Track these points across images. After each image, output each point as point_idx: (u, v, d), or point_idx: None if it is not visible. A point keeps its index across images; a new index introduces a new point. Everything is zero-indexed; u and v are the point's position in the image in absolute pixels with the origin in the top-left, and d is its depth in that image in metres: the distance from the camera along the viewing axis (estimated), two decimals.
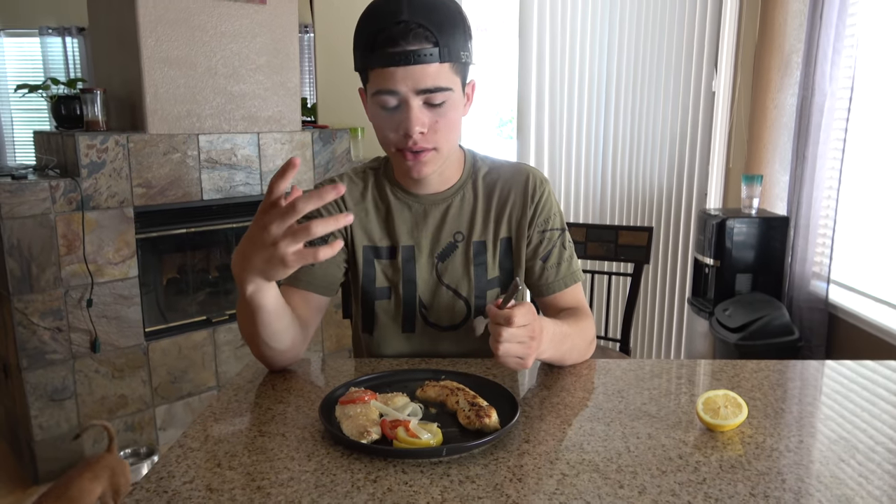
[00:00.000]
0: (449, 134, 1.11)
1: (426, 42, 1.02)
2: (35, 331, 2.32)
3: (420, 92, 1.05)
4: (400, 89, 1.04)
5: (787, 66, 2.90)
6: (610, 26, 3.13)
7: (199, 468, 0.81)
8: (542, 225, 1.25)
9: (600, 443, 0.87)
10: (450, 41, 1.04)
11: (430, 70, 1.04)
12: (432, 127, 1.09)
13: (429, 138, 1.09)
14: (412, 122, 1.06)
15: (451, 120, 1.10)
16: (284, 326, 1.06)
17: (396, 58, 1.02)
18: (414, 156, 1.11)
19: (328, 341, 3.20)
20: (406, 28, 1.01)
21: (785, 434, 0.89)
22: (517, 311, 0.94)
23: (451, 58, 1.05)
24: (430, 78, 1.04)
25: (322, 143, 3.04)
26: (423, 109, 1.07)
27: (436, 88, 1.05)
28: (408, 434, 0.84)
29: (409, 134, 1.07)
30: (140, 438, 2.63)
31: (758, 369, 1.12)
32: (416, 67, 1.03)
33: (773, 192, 2.99)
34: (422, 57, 1.02)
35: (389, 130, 1.10)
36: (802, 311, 2.67)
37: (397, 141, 1.10)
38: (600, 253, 2.13)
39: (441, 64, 1.04)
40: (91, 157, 2.37)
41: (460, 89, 1.11)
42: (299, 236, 0.85)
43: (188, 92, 2.63)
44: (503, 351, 0.94)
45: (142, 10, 2.47)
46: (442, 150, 1.12)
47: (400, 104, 1.06)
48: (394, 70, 1.03)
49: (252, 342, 1.08)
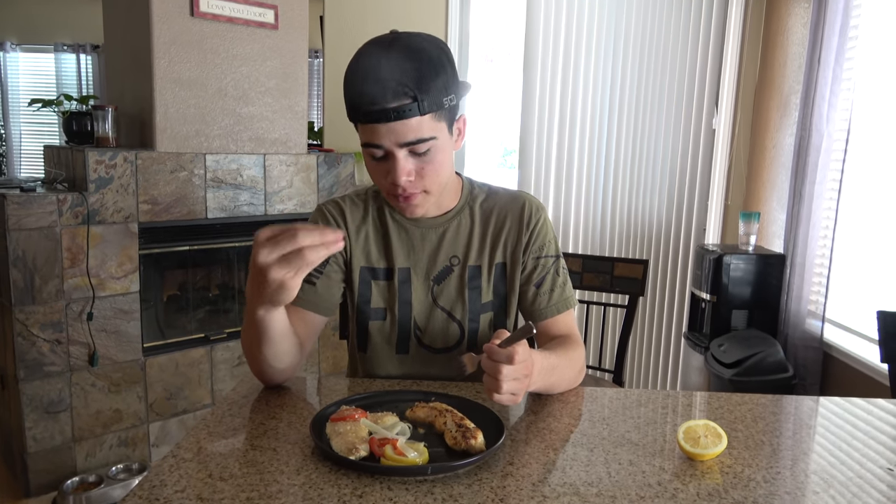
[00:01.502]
0: (436, 177, 1.15)
1: (405, 98, 1.04)
2: (34, 342, 2.34)
3: (403, 145, 1.08)
4: (384, 143, 1.08)
5: (785, 107, 2.95)
6: (613, 62, 3.20)
7: (190, 478, 0.83)
8: (536, 251, 1.28)
9: (582, 468, 0.89)
10: (429, 92, 1.05)
11: (411, 124, 1.06)
12: (419, 173, 1.12)
13: (416, 184, 1.13)
14: (398, 172, 1.10)
15: (438, 163, 1.13)
16: (288, 348, 1.10)
17: (377, 115, 1.05)
18: (405, 199, 1.15)
19: (325, 363, 3.21)
20: (384, 86, 1.04)
21: (763, 465, 0.91)
22: (518, 350, 0.96)
23: (431, 108, 1.06)
24: (412, 132, 1.07)
25: (327, 167, 3.09)
26: (408, 158, 1.10)
27: (418, 140, 1.08)
28: (395, 452, 0.86)
29: (396, 183, 1.11)
30: (133, 454, 2.63)
31: (742, 402, 1.14)
32: (396, 123, 1.05)
33: (771, 230, 3.02)
34: (401, 113, 1.04)
35: (379, 177, 1.15)
36: (797, 349, 2.68)
37: (388, 187, 1.15)
38: (596, 284, 2.16)
39: (422, 116, 1.06)
40: (99, 173, 2.42)
41: (446, 132, 1.13)
42: (293, 262, 0.89)
43: (198, 112, 2.69)
44: (505, 389, 0.95)
45: (157, 31, 2.54)
46: (432, 192, 1.16)
47: (386, 155, 1.10)
48: (376, 126, 1.07)
49: (254, 359, 1.11)
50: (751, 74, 3.19)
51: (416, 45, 1.07)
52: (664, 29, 3.16)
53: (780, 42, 3.02)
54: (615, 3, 3.16)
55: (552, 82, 3.22)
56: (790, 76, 2.93)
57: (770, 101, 3.08)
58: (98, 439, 2.54)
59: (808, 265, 2.66)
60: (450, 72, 1.10)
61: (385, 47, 1.07)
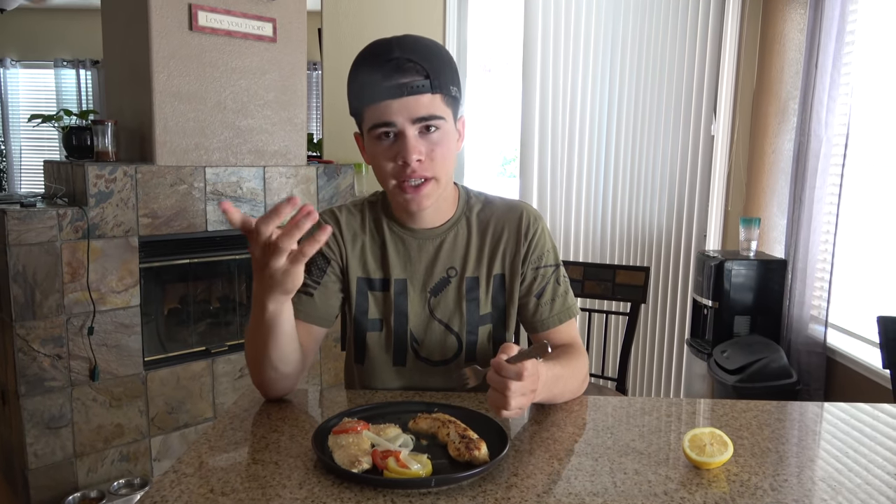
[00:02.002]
0: (445, 162, 1.15)
1: (417, 75, 1.09)
2: (35, 357, 2.34)
3: (415, 121, 1.10)
4: (396, 120, 1.10)
5: (784, 112, 2.96)
6: (612, 70, 3.21)
7: (192, 493, 0.82)
8: (535, 262, 1.27)
9: (587, 477, 0.88)
10: (440, 74, 1.11)
11: (423, 100, 1.10)
12: (429, 155, 1.13)
13: (426, 167, 1.13)
14: (409, 150, 1.10)
15: (446, 149, 1.15)
16: (294, 349, 1.09)
17: (391, 91, 1.08)
18: (414, 189, 1.14)
19: (326, 374, 3.20)
20: (398, 63, 1.08)
21: (769, 473, 0.90)
22: (527, 366, 0.95)
23: (441, 89, 1.11)
24: (424, 107, 1.10)
25: (327, 178, 3.09)
26: (418, 139, 1.12)
27: (430, 116, 1.11)
28: (398, 464, 0.85)
29: (408, 162, 1.11)
30: (134, 469, 2.62)
31: (747, 409, 1.13)
32: (409, 98, 1.09)
33: (771, 235, 3.02)
34: (415, 88, 1.09)
35: (387, 162, 1.14)
36: (800, 355, 2.67)
37: (396, 172, 1.14)
38: (597, 292, 2.15)
39: (433, 95, 1.10)
40: (99, 187, 2.42)
41: (452, 122, 1.16)
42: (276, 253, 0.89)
43: (197, 125, 2.69)
44: (513, 405, 0.94)
45: (156, 45, 2.55)
46: (440, 180, 1.16)
47: (396, 136, 1.11)
48: (389, 103, 1.09)
49: (259, 365, 1.10)
50: (748, 80, 3.20)
51: (427, 40, 1.15)
52: (662, 36, 3.17)
53: (777, 48, 3.03)
54: (612, 12, 3.18)
55: (552, 91, 3.23)
56: (788, 82, 2.93)
57: (768, 107, 3.09)
58: (99, 454, 2.52)
59: (809, 270, 2.65)
60: (455, 70, 1.16)
61: (395, 38, 1.13)
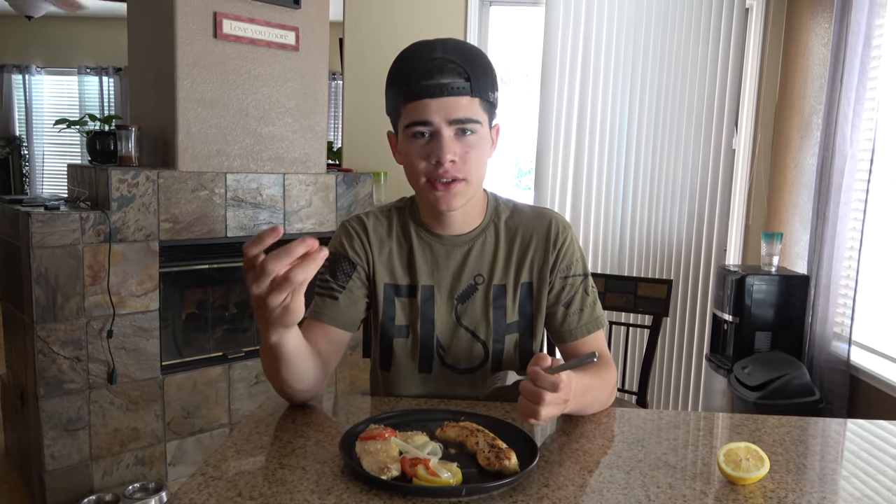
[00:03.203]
0: (478, 166, 1.15)
1: (458, 77, 1.10)
2: (55, 359, 2.34)
3: (452, 122, 1.10)
4: (433, 119, 1.10)
5: (807, 127, 2.93)
6: (632, 81, 3.20)
7: (220, 497, 0.82)
8: (564, 271, 1.26)
9: (620, 490, 0.86)
10: (480, 78, 1.12)
11: (461, 102, 1.10)
12: (462, 157, 1.13)
13: (459, 167, 1.13)
14: (444, 149, 1.10)
15: (480, 153, 1.15)
16: (308, 368, 1.07)
17: (431, 90, 1.09)
18: (444, 186, 1.13)
19: (342, 383, 3.19)
20: (441, 63, 1.09)
21: (807, 490, 0.88)
22: (563, 378, 0.94)
23: (480, 94, 1.12)
24: (462, 109, 1.10)
25: (346, 186, 3.09)
26: (454, 139, 1.12)
27: (467, 119, 1.11)
28: (427, 472, 0.84)
29: (441, 161, 1.11)
30: (149, 473, 2.61)
31: (779, 425, 1.11)
32: (448, 99, 1.09)
33: (794, 251, 2.98)
34: (454, 89, 1.09)
35: (421, 160, 1.13)
36: (823, 372, 2.63)
37: (428, 171, 1.13)
38: (619, 304, 2.13)
39: (472, 98, 1.11)
40: (122, 191, 2.44)
41: (488, 128, 1.17)
42: (282, 288, 0.84)
43: (219, 132, 2.71)
44: (544, 415, 0.94)
45: (180, 52, 2.57)
46: (471, 182, 1.16)
47: (432, 135, 1.11)
48: (428, 101, 1.09)
49: (275, 382, 1.09)
50: (771, 94, 3.18)
51: (468, 43, 1.17)
52: (683, 48, 3.16)
53: (800, 62, 3.01)
54: (633, 23, 3.17)
55: (569, 102, 3.22)
56: (811, 96, 2.91)
57: (791, 122, 3.06)
58: (115, 458, 2.52)
59: (833, 286, 2.62)
60: (495, 77, 1.17)
61: (438, 40, 1.14)
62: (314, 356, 1.10)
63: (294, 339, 1.00)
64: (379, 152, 3.37)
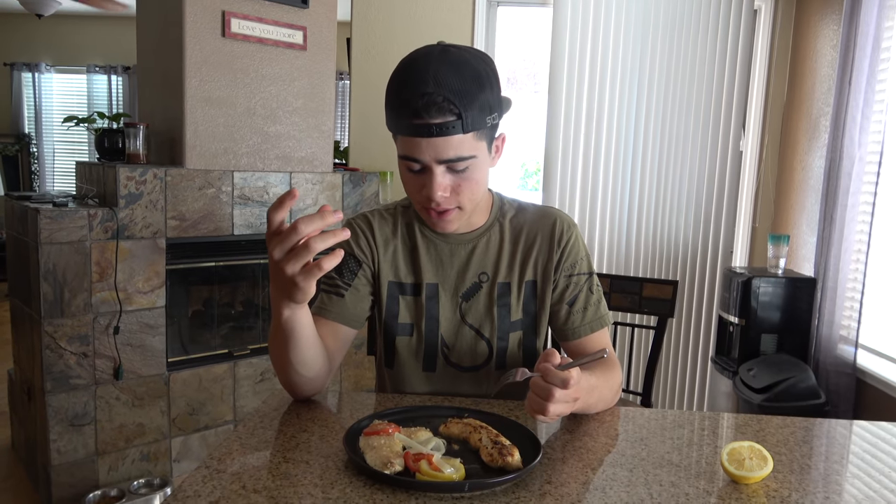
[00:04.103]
0: (472, 194, 1.14)
1: (449, 115, 1.04)
2: (62, 355, 2.36)
3: (442, 161, 1.08)
4: (423, 158, 1.08)
5: (815, 129, 2.92)
6: (639, 84, 3.20)
7: (224, 489, 0.82)
8: (568, 269, 1.26)
9: (623, 488, 0.86)
10: (474, 111, 1.05)
11: (452, 141, 1.06)
12: (455, 189, 1.12)
13: (451, 200, 1.13)
14: (434, 188, 1.10)
15: (474, 181, 1.13)
16: (315, 354, 1.08)
17: (419, 130, 1.05)
18: (438, 215, 1.15)
19: (346, 381, 3.20)
20: (430, 101, 1.03)
21: (811, 490, 0.88)
22: (574, 375, 0.94)
23: (474, 127, 1.06)
24: (453, 149, 1.07)
25: (352, 186, 3.10)
26: (445, 174, 1.10)
27: (458, 158, 1.08)
28: (431, 467, 0.84)
29: (432, 197, 1.11)
30: (154, 469, 2.62)
31: (783, 425, 1.11)
32: (438, 139, 1.05)
33: (800, 253, 2.97)
34: (444, 129, 1.04)
35: (414, 190, 1.15)
36: (829, 375, 2.62)
37: (421, 200, 1.15)
38: (624, 304, 2.13)
39: (464, 134, 1.06)
40: (129, 189, 2.45)
41: (486, 150, 1.13)
42: (300, 255, 0.88)
43: (226, 130, 2.72)
44: (552, 411, 0.94)
45: (189, 51, 2.58)
46: (466, 208, 1.16)
47: (423, 169, 1.10)
48: (418, 140, 1.06)
49: (282, 368, 1.09)
50: (779, 96, 3.17)
51: (463, 60, 1.07)
52: (691, 49, 3.15)
53: (808, 64, 3.00)
54: (641, 25, 3.17)
55: (577, 103, 3.22)
56: (819, 98, 2.90)
57: (798, 124, 3.05)
58: (121, 453, 2.54)
59: (839, 289, 2.61)
60: (495, 90, 1.10)
61: (433, 60, 1.06)
62: (321, 346, 1.11)
63: (305, 317, 1.02)
64: (385, 152, 3.38)
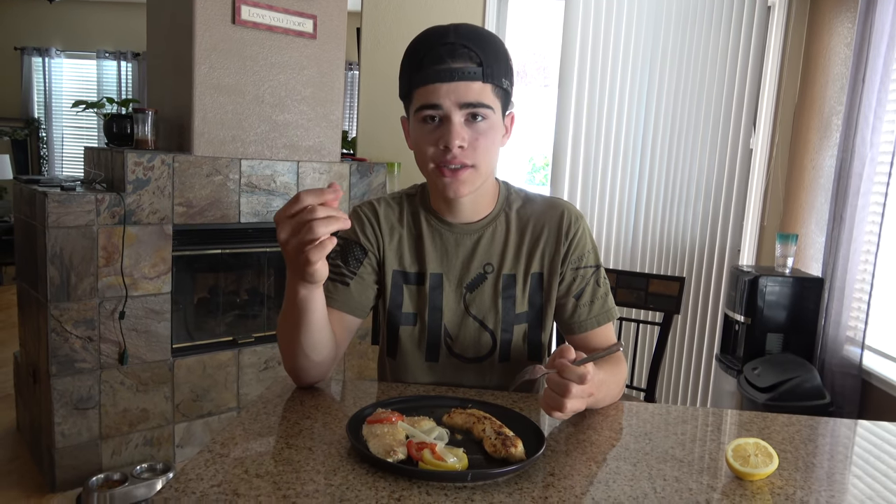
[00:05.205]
0: (487, 153, 1.13)
1: (470, 61, 1.08)
2: (67, 338, 2.37)
3: (462, 106, 1.09)
4: (443, 103, 1.09)
5: (826, 128, 2.90)
6: (650, 79, 3.18)
7: (227, 473, 0.82)
8: (575, 262, 1.25)
9: (626, 482, 0.86)
10: (493, 64, 1.10)
11: (473, 87, 1.09)
12: (472, 143, 1.11)
13: (468, 154, 1.11)
14: (453, 134, 1.09)
15: (490, 140, 1.13)
16: (324, 338, 1.08)
17: (442, 74, 1.08)
18: (452, 173, 1.12)
19: (350, 371, 3.20)
20: (452, 48, 1.08)
21: (815, 488, 0.87)
22: (590, 370, 0.95)
23: (493, 79, 1.10)
24: (473, 94, 1.09)
25: (359, 176, 3.10)
26: (463, 125, 1.11)
27: (478, 104, 1.10)
28: (434, 456, 0.84)
29: (450, 146, 1.10)
30: (157, 454, 2.64)
31: (789, 423, 1.10)
32: (459, 83, 1.08)
33: (808, 253, 2.96)
34: (466, 74, 1.08)
35: (429, 145, 1.12)
36: (835, 376, 2.61)
37: (436, 156, 1.12)
38: (630, 300, 2.12)
39: (484, 84, 1.10)
40: (137, 174, 2.45)
41: (500, 115, 1.15)
42: (303, 234, 0.88)
43: (235, 118, 2.72)
44: (570, 407, 0.95)
45: (198, 39, 2.58)
46: (480, 169, 1.14)
47: (442, 120, 1.10)
48: (438, 86, 1.08)
49: (290, 352, 1.09)
50: (790, 94, 3.14)
51: (483, 28, 1.15)
52: (703, 46, 3.13)
53: (821, 62, 2.97)
54: (653, 21, 3.15)
55: (588, 99, 3.20)
56: (832, 97, 2.88)
57: (810, 122, 3.03)
58: (124, 437, 2.55)
59: (847, 290, 2.59)
60: (510, 63, 1.16)
61: (450, 25, 1.13)
62: (331, 330, 1.11)
63: (319, 300, 1.03)
64: (393, 143, 3.37)
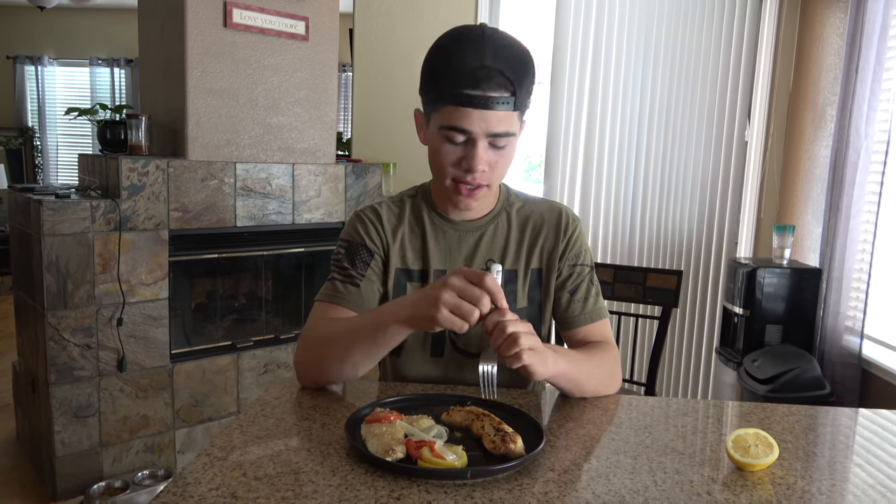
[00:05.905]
0: (503, 172, 1.17)
1: (505, 91, 1.07)
2: (65, 346, 2.36)
3: (490, 135, 1.10)
4: (473, 130, 1.09)
5: (820, 119, 2.90)
6: (643, 73, 3.18)
7: (224, 476, 0.82)
8: (573, 259, 1.27)
9: (627, 475, 0.85)
10: (523, 91, 1.10)
11: (503, 116, 1.08)
12: (492, 166, 1.14)
13: (486, 176, 1.14)
14: (477, 160, 1.10)
15: (507, 160, 1.16)
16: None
17: (476, 101, 1.06)
18: (469, 192, 1.15)
19: None
20: (489, 74, 1.06)
21: (816, 477, 0.87)
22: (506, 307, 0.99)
23: (521, 107, 1.11)
24: (503, 124, 1.09)
25: (355, 177, 3.09)
26: (487, 149, 1.11)
27: (505, 133, 1.10)
28: (433, 455, 0.84)
29: (472, 170, 1.11)
30: (158, 460, 2.63)
31: (789, 413, 1.10)
32: (491, 113, 1.07)
33: (806, 244, 2.96)
34: (499, 104, 1.07)
35: (450, 164, 1.14)
36: (834, 366, 2.60)
37: (456, 175, 1.14)
38: (628, 294, 2.12)
39: (513, 112, 1.10)
40: (132, 180, 2.45)
41: (520, 133, 1.17)
42: (470, 312, 0.97)
43: (229, 122, 2.71)
44: (524, 343, 0.96)
45: (190, 42, 2.57)
46: (493, 187, 1.19)
47: (467, 142, 1.11)
48: (470, 111, 1.07)
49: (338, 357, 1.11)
50: (784, 85, 3.14)
51: (515, 42, 1.12)
52: (696, 39, 3.13)
53: (814, 52, 2.97)
54: (645, 14, 3.14)
55: (580, 94, 3.20)
56: (825, 88, 2.87)
57: (804, 113, 3.03)
58: (125, 444, 2.54)
59: (845, 280, 2.59)
60: (535, 77, 1.15)
61: (486, 36, 1.09)
62: None
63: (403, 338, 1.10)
64: (388, 143, 3.36)
